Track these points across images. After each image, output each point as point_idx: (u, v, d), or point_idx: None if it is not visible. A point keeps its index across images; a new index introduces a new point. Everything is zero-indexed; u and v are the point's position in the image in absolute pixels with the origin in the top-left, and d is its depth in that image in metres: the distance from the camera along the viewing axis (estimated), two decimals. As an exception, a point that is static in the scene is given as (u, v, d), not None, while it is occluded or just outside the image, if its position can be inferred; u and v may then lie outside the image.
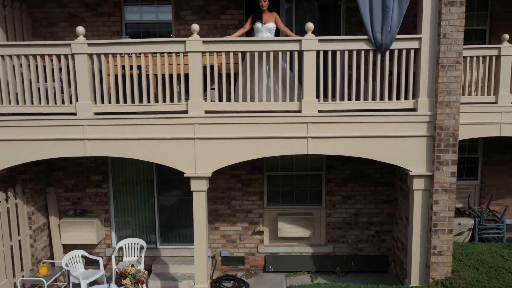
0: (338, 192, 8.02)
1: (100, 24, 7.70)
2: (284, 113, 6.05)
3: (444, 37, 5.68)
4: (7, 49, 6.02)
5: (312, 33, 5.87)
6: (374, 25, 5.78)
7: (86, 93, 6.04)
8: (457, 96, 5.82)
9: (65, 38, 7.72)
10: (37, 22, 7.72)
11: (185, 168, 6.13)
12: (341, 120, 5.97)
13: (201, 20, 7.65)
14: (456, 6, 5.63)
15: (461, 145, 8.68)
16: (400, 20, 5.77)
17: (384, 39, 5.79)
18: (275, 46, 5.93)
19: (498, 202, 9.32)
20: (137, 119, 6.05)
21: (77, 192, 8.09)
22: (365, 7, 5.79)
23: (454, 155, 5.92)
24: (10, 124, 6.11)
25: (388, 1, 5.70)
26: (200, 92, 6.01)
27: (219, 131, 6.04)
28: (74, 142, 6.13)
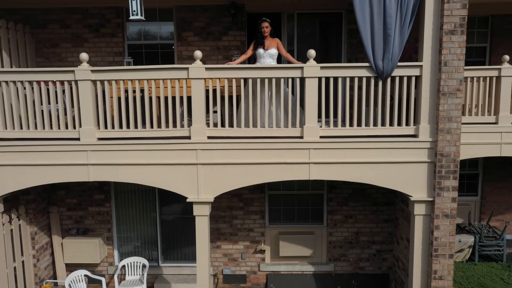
0: (339, 211, 8.07)
1: (103, 45, 7.74)
2: (286, 138, 6.09)
3: (445, 65, 5.73)
4: (12, 75, 6.06)
5: (315, 59, 5.90)
6: (376, 52, 5.82)
7: (90, 119, 6.09)
8: (457, 123, 5.86)
9: (68, 58, 7.78)
10: (40, 43, 7.77)
11: (188, 193, 6.17)
12: (343, 146, 6.02)
13: (203, 41, 7.70)
14: (457, 34, 5.67)
15: (462, 161, 8.72)
16: (401, 48, 5.81)
17: (385, 67, 5.83)
18: (277, 73, 5.98)
19: (498, 218, 9.37)
20: (140, 145, 6.09)
21: (79, 211, 8.14)
22: (367, 35, 5.83)
23: (455, 181, 5.96)
24: (14, 149, 6.15)
25: (389, 30, 5.74)
26: (202, 118, 6.05)
27: (221, 157, 6.09)
28: (78, 167, 6.17)
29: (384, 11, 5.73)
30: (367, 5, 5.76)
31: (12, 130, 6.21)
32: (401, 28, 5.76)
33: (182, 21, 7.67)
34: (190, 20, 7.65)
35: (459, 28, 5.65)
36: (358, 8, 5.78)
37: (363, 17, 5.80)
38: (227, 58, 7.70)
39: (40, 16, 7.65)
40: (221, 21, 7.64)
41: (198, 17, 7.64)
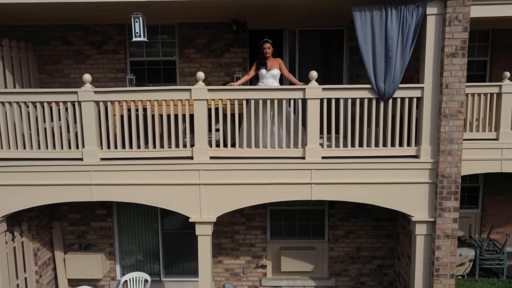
0: (340, 227, 8.10)
1: (105, 61, 7.78)
2: (288, 159, 6.12)
3: (446, 87, 5.76)
4: (15, 96, 6.08)
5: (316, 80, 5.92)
6: (377, 74, 5.86)
7: (93, 139, 6.11)
8: (459, 144, 5.89)
9: (71, 75, 7.81)
10: (42, 60, 7.80)
11: (190, 213, 6.20)
12: (344, 166, 6.05)
13: (205, 58, 7.74)
14: (458, 57, 5.70)
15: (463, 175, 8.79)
16: (403, 70, 5.85)
17: (387, 89, 5.87)
18: (280, 94, 6.01)
19: (499, 230, 9.41)
20: (143, 165, 6.12)
21: (82, 226, 8.17)
22: (368, 57, 5.86)
23: (456, 202, 5.99)
24: (17, 169, 6.18)
25: (391, 52, 5.78)
26: (205, 139, 6.09)
27: (224, 177, 6.12)
28: (80, 187, 6.20)
29: (386, 34, 5.76)
30: (369, 27, 5.80)
31: (15, 150, 6.24)
32: (402, 50, 5.80)
33: (184, 38, 7.70)
34: (192, 37, 7.69)
35: (460, 51, 5.69)
36: (359, 31, 5.82)
37: (364, 39, 5.83)
38: (228, 75, 7.74)
39: (43, 33, 7.69)
40: (223, 38, 7.67)
41: (200, 34, 7.67)
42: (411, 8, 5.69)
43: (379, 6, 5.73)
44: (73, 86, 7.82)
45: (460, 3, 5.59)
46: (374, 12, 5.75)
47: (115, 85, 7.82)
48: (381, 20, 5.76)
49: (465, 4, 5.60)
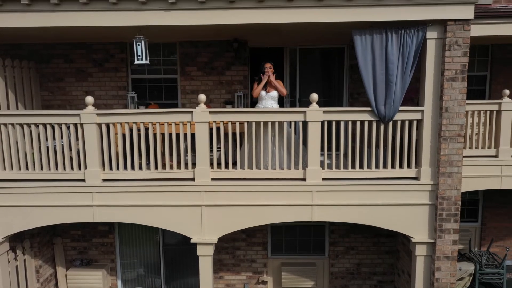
0: (341, 243, 8.14)
1: (107, 79, 7.82)
2: (289, 180, 6.16)
3: (446, 111, 5.80)
4: (18, 118, 6.12)
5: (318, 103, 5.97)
6: (378, 98, 5.90)
7: (95, 161, 6.15)
8: (458, 167, 5.93)
9: (72, 92, 7.86)
10: (44, 77, 7.85)
11: (192, 233, 6.24)
12: (345, 188, 6.09)
13: (206, 76, 7.78)
14: (458, 81, 5.74)
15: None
16: (403, 93, 5.89)
17: (387, 112, 5.91)
18: (280, 117, 6.06)
19: (498, 243, 9.43)
20: (145, 187, 6.16)
21: (83, 242, 8.22)
22: (369, 80, 5.91)
23: (455, 223, 6.03)
24: (20, 190, 6.21)
25: (391, 76, 5.82)
26: (206, 160, 6.13)
27: (225, 199, 6.16)
28: (83, 208, 6.24)
29: (386, 58, 5.81)
30: (369, 51, 5.84)
31: (18, 171, 6.28)
32: (402, 74, 5.84)
33: (185, 56, 7.75)
34: (194, 55, 7.73)
35: (460, 75, 5.73)
36: (360, 54, 5.86)
37: (365, 62, 5.88)
38: (230, 92, 7.78)
39: (45, 51, 7.73)
40: (224, 56, 7.72)
41: (201, 52, 7.72)
42: (411, 32, 5.73)
43: (379, 30, 5.77)
44: (74, 103, 7.88)
45: (460, 28, 5.64)
46: (374, 36, 5.80)
47: (116, 103, 7.87)
48: (382, 44, 5.80)
49: (465, 29, 5.64)
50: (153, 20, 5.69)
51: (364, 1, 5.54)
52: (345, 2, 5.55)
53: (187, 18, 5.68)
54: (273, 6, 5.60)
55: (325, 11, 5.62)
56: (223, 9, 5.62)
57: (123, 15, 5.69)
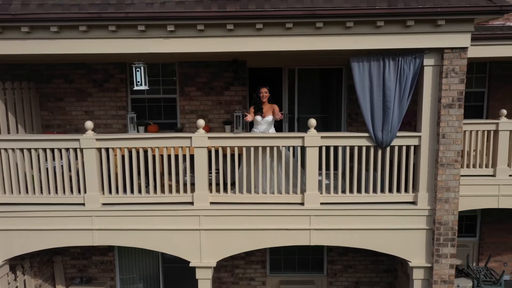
0: (339, 261, 8.19)
1: (107, 99, 7.87)
2: (287, 204, 6.20)
3: (443, 137, 5.85)
4: (17, 143, 6.17)
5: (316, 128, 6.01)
6: (375, 124, 5.94)
7: (94, 185, 6.20)
8: (455, 193, 5.98)
9: (72, 112, 7.91)
10: (45, 97, 7.89)
11: (190, 257, 6.28)
12: (343, 213, 6.13)
13: (205, 96, 7.83)
14: (455, 108, 5.79)
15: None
16: (400, 119, 5.94)
17: (385, 138, 5.95)
18: (278, 142, 6.12)
19: (496, 258, 9.47)
20: (144, 211, 6.20)
21: (83, 260, 8.26)
22: (366, 106, 5.95)
23: (453, 248, 6.08)
24: (20, 214, 6.25)
25: (388, 102, 5.86)
26: (205, 185, 6.17)
27: (224, 223, 6.20)
28: (82, 232, 6.28)
29: (384, 84, 5.86)
30: (367, 78, 5.89)
31: (18, 195, 6.33)
32: (400, 101, 5.89)
33: (184, 76, 7.79)
34: (193, 76, 7.78)
35: (457, 102, 5.78)
36: (358, 81, 5.91)
37: (362, 89, 5.93)
38: (228, 112, 7.83)
39: (45, 71, 7.78)
40: (223, 76, 7.77)
41: (200, 72, 7.76)
42: (408, 60, 5.78)
43: (377, 57, 5.82)
44: (74, 123, 7.93)
45: (457, 56, 5.68)
46: (372, 63, 5.85)
47: (116, 122, 7.92)
48: (379, 71, 5.85)
49: (461, 57, 5.69)
50: (152, 48, 5.74)
51: (362, 29, 5.59)
52: (343, 30, 5.60)
53: (186, 45, 5.73)
54: (271, 34, 5.65)
55: (323, 39, 5.66)
56: (222, 37, 5.67)
57: (122, 43, 5.74)
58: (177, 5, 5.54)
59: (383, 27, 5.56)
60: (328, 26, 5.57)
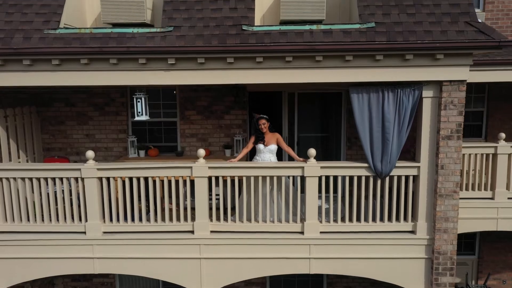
0: (339, 283, 8.23)
1: (107, 122, 7.91)
2: (287, 233, 6.24)
3: (442, 168, 5.88)
4: (18, 173, 6.21)
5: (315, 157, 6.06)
6: (374, 154, 5.98)
7: (95, 214, 6.22)
8: (454, 223, 6.01)
9: (73, 135, 7.96)
10: (46, 120, 7.93)
11: (191, 285, 6.31)
12: (342, 242, 6.16)
13: (206, 119, 7.87)
14: (454, 140, 5.83)
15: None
16: (399, 150, 5.98)
17: (384, 169, 5.99)
18: (278, 172, 6.16)
19: (495, 276, 9.52)
20: (144, 240, 6.23)
21: (84, 282, 8.31)
22: (366, 137, 5.99)
23: (451, 277, 6.11)
24: (20, 243, 6.26)
25: (388, 134, 5.90)
26: (205, 214, 6.21)
27: (224, 251, 6.23)
28: (83, 260, 6.31)
29: (383, 116, 5.90)
30: (366, 109, 5.93)
31: (19, 223, 6.36)
32: (399, 132, 5.93)
33: (185, 100, 7.84)
34: (193, 99, 7.82)
35: (455, 133, 5.81)
36: (357, 112, 5.95)
37: (362, 120, 5.97)
38: (229, 136, 7.87)
39: (46, 95, 7.81)
40: (223, 100, 7.81)
41: (200, 96, 7.80)
42: (407, 91, 5.82)
43: (376, 88, 5.86)
44: (75, 146, 7.97)
45: (455, 89, 5.72)
46: (371, 94, 5.88)
47: (117, 145, 7.97)
48: (378, 102, 5.89)
49: (460, 90, 5.73)
50: (153, 80, 5.78)
51: (361, 62, 5.63)
52: (342, 63, 5.64)
53: (187, 78, 5.78)
54: (271, 67, 5.69)
55: (323, 72, 5.71)
56: (222, 69, 5.72)
57: (123, 75, 5.78)
58: (178, 39, 5.58)
59: (382, 61, 5.60)
60: (327, 60, 5.61)
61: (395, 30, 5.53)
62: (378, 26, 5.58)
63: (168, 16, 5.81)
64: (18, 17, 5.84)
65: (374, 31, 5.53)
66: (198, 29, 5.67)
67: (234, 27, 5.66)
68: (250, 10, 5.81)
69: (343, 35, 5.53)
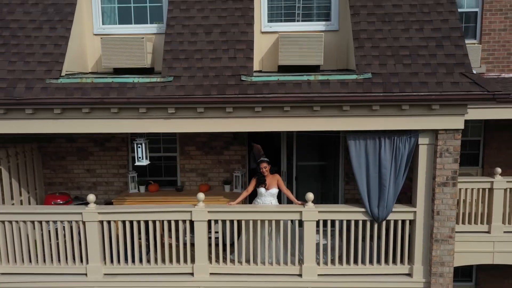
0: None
1: (108, 158, 8.00)
2: (286, 276, 6.32)
3: (438, 214, 5.97)
4: (21, 216, 6.30)
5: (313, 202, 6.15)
6: (371, 200, 6.07)
7: (96, 256, 6.31)
8: (450, 267, 6.10)
9: (74, 170, 8.04)
10: (47, 156, 8.02)
11: (190, 326, 6.41)
12: (340, 284, 6.24)
13: (205, 155, 7.96)
14: (449, 186, 5.92)
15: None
16: (396, 196, 6.07)
17: (380, 214, 6.08)
18: (277, 216, 6.26)
19: (493, 302, 9.60)
20: (144, 282, 6.31)
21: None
22: (362, 183, 6.08)
23: (448, 320, 6.21)
24: (22, 285, 6.34)
25: (384, 180, 5.99)
26: (205, 256, 6.29)
27: (223, 293, 6.33)
28: (84, 301, 6.41)
29: (379, 162, 5.99)
30: (363, 155, 6.03)
31: (21, 265, 6.45)
32: (395, 178, 6.02)
33: (184, 136, 7.92)
34: (193, 135, 7.90)
35: (451, 180, 5.90)
36: (354, 158, 6.05)
37: (359, 166, 6.06)
38: (228, 171, 7.96)
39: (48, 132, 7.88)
40: (223, 136, 7.89)
41: (200, 133, 7.87)
42: (403, 139, 5.91)
43: (372, 135, 5.95)
44: (76, 181, 8.06)
45: (451, 137, 5.81)
46: (368, 141, 5.98)
47: (117, 180, 8.06)
48: (375, 149, 5.98)
49: (455, 138, 5.82)
50: (152, 128, 5.88)
51: (358, 112, 5.72)
52: (340, 112, 5.73)
53: (186, 126, 5.87)
54: (270, 116, 5.78)
55: (320, 120, 5.80)
56: (221, 118, 5.80)
57: (124, 122, 5.87)
58: (178, 89, 5.67)
59: (379, 110, 5.69)
60: (325, 109, 5.71)
61: (391, 81, 5.62)
62: (375, 77, 5.68)
63: (168, 65, 5.91)
64: (21, 65, 5.93)
65: (371, 82, 5.63)
66: (198, 79, 5.76)
67: (233, 77, 5.75)
68: (248, 59, 5.91)
69: (340, 86, 5.62)
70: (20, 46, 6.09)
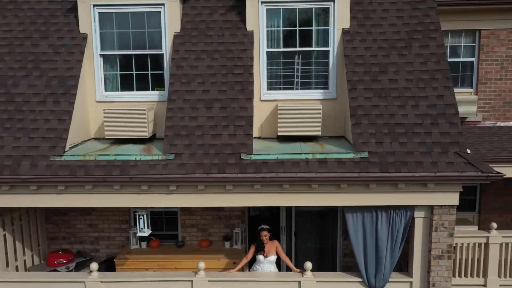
0: None
1: (110, 213, 8.12)
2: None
3: (433, 286, 6.10)
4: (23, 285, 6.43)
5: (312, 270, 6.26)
6: (368, 271, 6.21)
7: (99, 324, 6.45)
8: (446, 336, 6.24)
9: (76, 225, 8.17)
10: (49, 211, 8.13)
11: None
12: None
13: (205, 210, 8.06)
14: (444, 259, 6.04)
15: None
16: (392, 267, 6.20)
17: (377, 284, 6.21)
18: (276, 285, 6.38)
19: None
20: None
21: None
22: (360, 254, 6.21)
23: None
24: None
25: (381, 253, 6.13)
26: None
27: None
28: None
29: (376, 236, 6.12)
30: (360, 228, 6.16)
31: (25, 331, 6.58)
32: (392, 250, 6.15)
33: (185, 192, 8.05)
34: (193, 192, 8.03)
35: (446, 253, 6.03)
36: (351, 230, 6.18)
37: (356, 238, 6.19)
38: (228, 226, 8.09)
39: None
40: (223, 192, 8.02)
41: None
42: (400, 213, 6.04)
43: (370, 209, 6.08)
44: (79, 235, 8.19)
45: (446, 212, 5.94)
46: (365, 215, 6.12)
47: (119, 235, 8.19)
48: (372, 223, 6.11)
49: (450, 213, 5.95)
50: (154, 203, 6.01)
51: (355, 189, 5.85)
52: (337, 189, 5.86)
53: (187, 200, 6.01)
54: (268, 192, 5.91)
55: (318, 196, 5.93)
56: (221, 193, 5.93)
57: (126, 197, 6.00)
58: (179, 167, 5.81)
59: (376, 188, 5.82)
60: (322, 187, 5.84)
61: (387, 160, 5.75)
62: (372, 155, 5.81)
63: (170, 141, 6.04)
64: (26, 141, 6.07)
65: (368, 161, 5.76)
66: (199, 156, 5.89)
67: (233, 155, 5.89)
68: (248, 136, 6.04)
69: (337, 165, 5.75)
70: (24, 121, 6.23)
